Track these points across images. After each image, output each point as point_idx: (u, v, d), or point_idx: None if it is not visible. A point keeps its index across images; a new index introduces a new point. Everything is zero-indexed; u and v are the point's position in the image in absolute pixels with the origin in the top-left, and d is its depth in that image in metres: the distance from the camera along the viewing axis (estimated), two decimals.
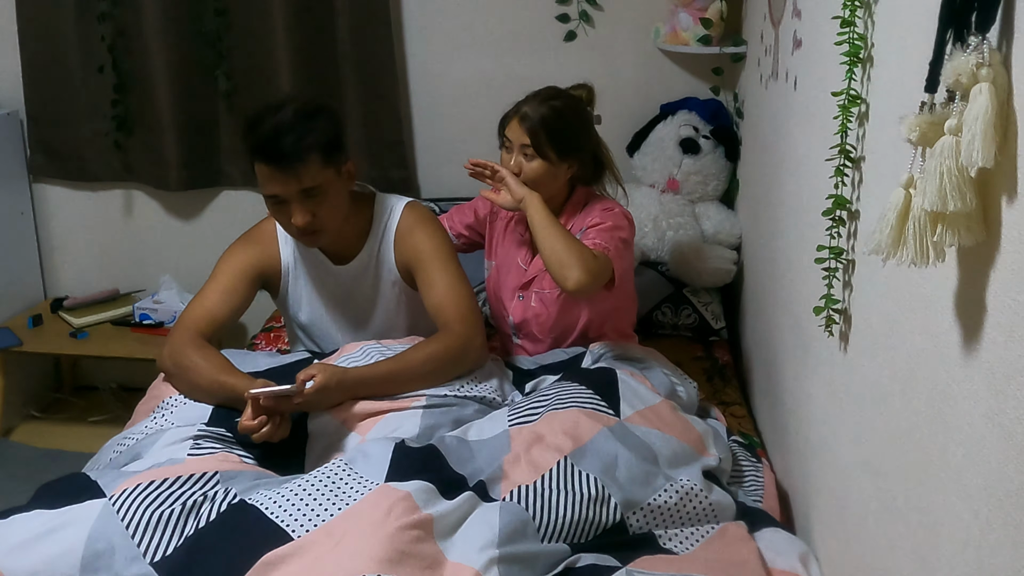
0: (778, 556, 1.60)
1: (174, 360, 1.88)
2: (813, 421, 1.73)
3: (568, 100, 2.09)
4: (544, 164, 2.04)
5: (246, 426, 1.68)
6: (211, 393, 1.82)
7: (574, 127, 2.08)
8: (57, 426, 3.23)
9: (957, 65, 0.88)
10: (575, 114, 2.09)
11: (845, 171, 1.47)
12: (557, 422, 1.73)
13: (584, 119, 2.12)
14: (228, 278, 1.98)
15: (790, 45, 2.00)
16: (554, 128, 2.03)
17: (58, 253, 3.36)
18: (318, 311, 2.11)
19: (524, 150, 2.05)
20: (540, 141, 2.03)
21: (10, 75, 3.11)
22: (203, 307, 1.94)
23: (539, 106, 2.04)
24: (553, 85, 2.13)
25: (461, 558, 1.43)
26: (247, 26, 2.94)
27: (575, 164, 2.10)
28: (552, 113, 2.03)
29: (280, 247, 2.07)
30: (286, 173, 1.82)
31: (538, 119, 2.03)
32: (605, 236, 2.01)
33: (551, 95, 2.08)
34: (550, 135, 2.03)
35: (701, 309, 2.65)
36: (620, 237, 2.03)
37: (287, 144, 1.79)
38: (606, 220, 2.05)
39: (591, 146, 2.15)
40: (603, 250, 1.97)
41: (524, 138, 2.03)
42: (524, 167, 2.05)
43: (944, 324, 1.07)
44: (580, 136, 2.10)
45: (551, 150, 2.03)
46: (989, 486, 0.95)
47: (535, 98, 2.07)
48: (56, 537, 1.44)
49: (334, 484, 1.54)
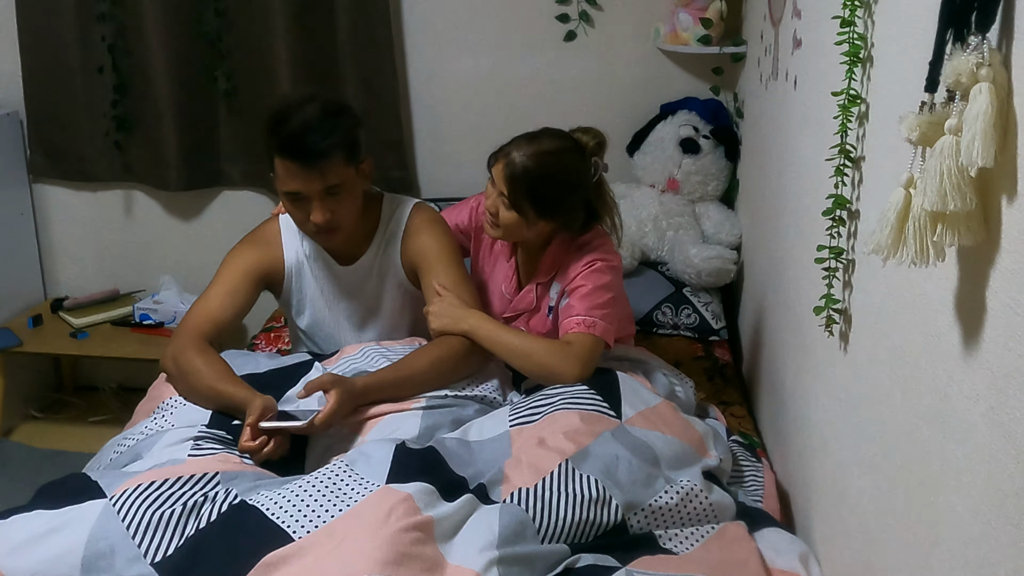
0: (778, 556, 1.60)
1: (176, 363, 1.88)
2: (813, 421, 1.73)
3: (560, 156, 1.89)
4: (518, 219, 1.89)
5: (246, 447, 1.68)
6: (209, 399, 1.82)
7: (558, 188, 1.88)
8: (57, 426, 3.23)
9: (957, 65, 0.88)
10: (563, 172, 1.89)
11: (845, 171, 1.47)
12: (558, 424, 1.73)
13: (574, 179, 1.91)
14: (231, 280, 1.98)
15: (790, 45, 2.00)
16: (534, 187, 1.85)
17: (58, 253, 3.36)
18: (321, 312, 2.11)
19: (503, 198, 1.89)
20: (518, 196, 1.86)
21: (10, 75, 3.10)
22: (206, 309, 1.95)
23: (526, 157, 1.86)
24: (554, 129, 1.93)
25: (461, 560, 1.43)
26: (247, 26, 2.94)
27: (556, 222, 1.94)
28: (537, 169, 1.85)
29: (284, 248, 2.06)
30: (310, 171, 1.82)
31: (520, 171, 1.85)
32: (587, 306, 1.89)
33: (542, 148, 1.88)
34: (529, 192, 1.86)
35: (701, 309, 2.65)
36: (605, 299, 1.91)
37: (314, 141, 1.80)
38: (587, 282, 1.91)
39: (579, 203, 1.94)
40: (587, 329, 1.87)
41: (504, 186, 1.88)
42: (500, 212, 1.91)
43: (944, 324, 1.07)
44: (565, 197, 1.90)
45: (529, 207, 1.87)
46: (989, 486, 0.95)
47: (526, 143, 1.89)
48: (57, 537, 1.44)
49: (335, 485, 1.54)
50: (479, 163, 3.04)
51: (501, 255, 2.15)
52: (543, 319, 2.04)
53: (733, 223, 2.75)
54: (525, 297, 2.06)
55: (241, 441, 1.69)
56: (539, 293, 2.04)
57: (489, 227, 1.99)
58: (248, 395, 1.75)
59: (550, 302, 2.02)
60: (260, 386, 1.84)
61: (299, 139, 1.80)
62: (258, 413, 1.69)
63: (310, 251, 2.06)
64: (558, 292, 2.00)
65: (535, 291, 2.04)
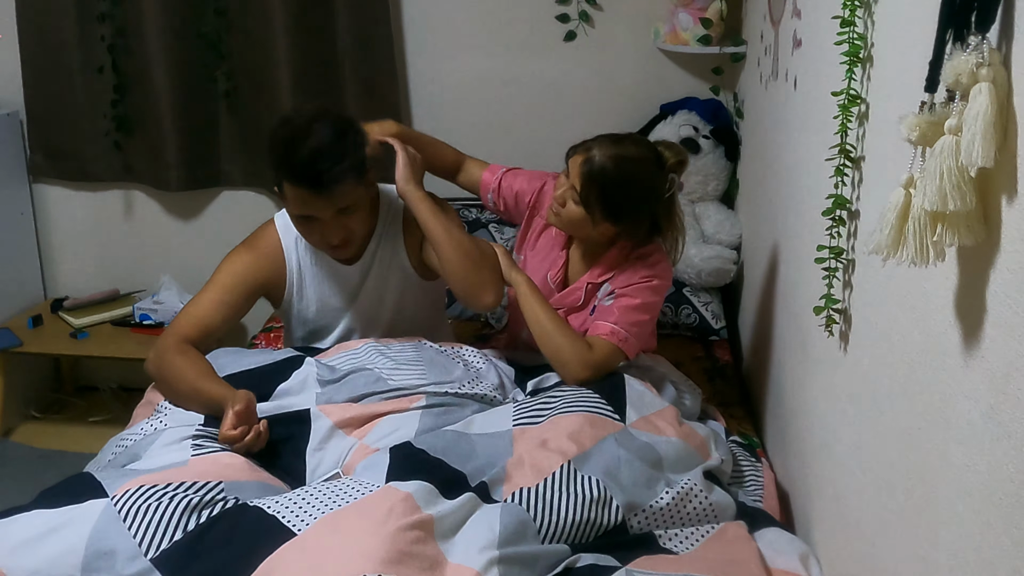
0: (778, 556, 1.60)
1: (157, 365, 1.88)
2: (813, 421, 1.73)
3: (642, 164, 1.87)
4: (585, 215, 1.89)
5: (228, 436, 1.66)
6: (190, 399, 1.81)
7: (633, 194, 1.87)
8: (57, 426, 3.23)
9: (957, 65, 0.88)
10: (639, 180, 1.87)
11: (845, 171, 1.47)
12: (562, 426, 1.73)
13: (650, 189, 1.89)
14: (225, 288, 1.96)
15: (790, 45, 2.00)
16: (608, 189, 1.84)
17: (58, 253, 3.36)
18: (328, 315, 2.09)
19: (573, 192, 1.88)
20: (590, 194, 1.85)
21: (10, 75, 3.11)
22: (195, 315, 1.94)
23: (606, 158, 1.84)
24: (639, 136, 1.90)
25: (462, 559, 1.43)
26: (247, 26, 2.94)
27: (620, 227, 1.92)
28: (614, 172, 1.84)
29: (286, 257, 2.04)
30: (323, 197, 1.82)
31: (598, 171, 1.84)
32: (627, 320, 1.90)
33: (624, 152, 1.86)
34: (602, 193, 1.85)
35: (701, 309, 2.65)
36: (644, 318, 1.93)
37: (325, 169, 1.79)
38: (638, 296, 1.92)
39: (646, 214, 1.93)
40: (616, 341, 1.89)
41: (578, 180, 1.87)
42: (567, 205, 1.91)
43: (944, 324, 1.07)
44: (637, 206, 1.89)
45: (597, 207, 1.87)
46: (989, 486, 0.95)
47: (611, 144, 1.87)
48: (57, 536, 1.44)
49: (337, 486, 1.55)
50: None
51: (555, 244, 2.10)
52: (585, 316, 2.02)
53: (733, 223, 2.75)
54: (573, 294, 2.03)
55: (222, 429, 1.67)
56: (588, 291, 2.02)
57: (552, 214, 1.98)
58: (228, 392, 1.75)
59: (596, 302, 2.01)
60: (251, 381, 1.84)
61: (310, 167, 1.79)
62: (244, 403, 1.68)
63: (312, 257, 2.05)
64: (606, 293, 1.99)
65: (584, 289, 2.02)
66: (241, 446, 1.68)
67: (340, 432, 1.77)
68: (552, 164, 2.89)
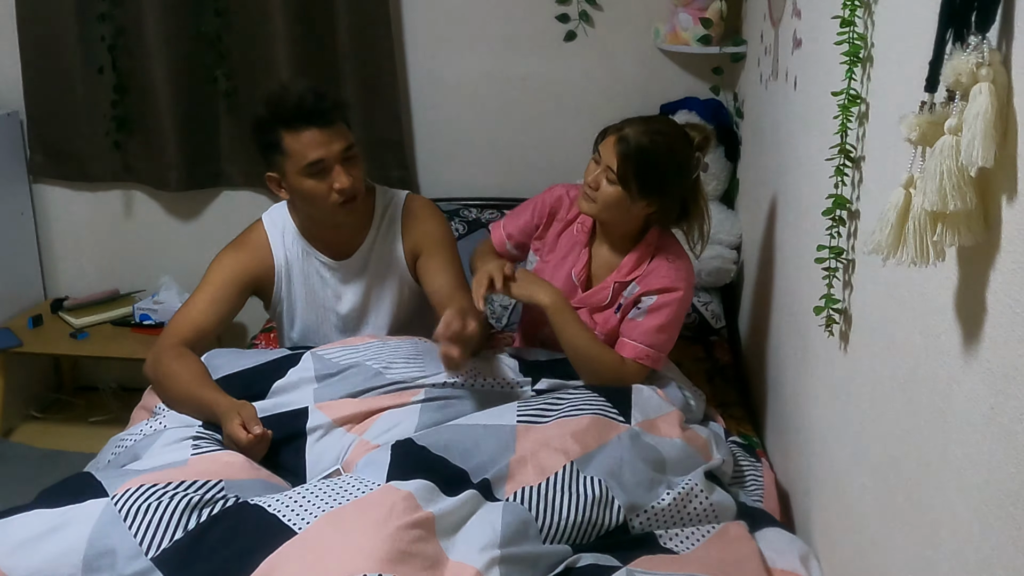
0: (778, 556, 1.60)
1: (154, 368, 1.88)
2: (813, 421, 1.73)
3: (675, 139, 1.91)
4: (622, 193, 1.88)
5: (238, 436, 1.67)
6: (185, 404, 1.81)
7: (669, 168, 1.89)
8: (57, 426, 3.23)
9: (957, 65, 0.88)
10: (675, 154, 1.90)
11: (845, 171, 1.47)
12: (567, 427, 1.73)
13: (683, 163, 1.92)
14: (217, 286, 1.97)
15: (790, 45, 2.00)
16: (647, 162, 1.86)
17: (58, 253, 3.36)
18: (314, 313, 2.09)
19: (608, 172, 1.89)
20: (627, 171, 1.86)
21: (10, 75, 3.10)
22: (189, 316, 1.95)
23: (641, 134, 1.87)
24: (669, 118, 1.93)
25: (462, 557, 1.43)
26: (247, 26, 2.94)
27: (655, 204, 1.93)
28: (652, 146, 1.86)
29: (273, 251, 2.05)
30: (330, 132, 1.86)
31: (634, 146, 1.86)
32: (657, 340, 1.94)
33: (659, 127, 1.91)
34: (639, 168, 1.86)
35: (701, 309, 2.65)
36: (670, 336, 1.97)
37: (325, 103, 1.86)
38: (666, 314, 1.93)
39: (681, 192, 1.96)
40: (649, 362, 1.94)
41: (613, 160, 1.87)
42: (602, 187, 1.90)
43: (944, 324, 1.07)
44: (672, 179, 1.91)
45: (634, 183, 1.87)
46: (989, 486, 0.95)
47: (642, 122, 1.90)
48: (58, 536, 1.44)
49: (337, 485, 1.56)
50: (479, 163, 3.07)
51: (576, 242, 2.09)
52: (611, 314, 2.01)
53: (733, 223, 2.75)
54: (599, 293, 2.02)
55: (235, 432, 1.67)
56: (616, 290, 2.01)
57: (584, 201, 1.96)
58: (223, 399, 1.76)
59: (621, 300, 2.00)
60: (248, 380, 1.84)
61: (312, 103, 1.85)
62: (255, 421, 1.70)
63: (300, 251, 2.05)
64: (633, 292, 1.98)
65: (612, 288, 2.01)
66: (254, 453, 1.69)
67: (339, 428, 1.77)
68: (552, 164, 2.91)
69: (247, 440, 1.67)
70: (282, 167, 1.89)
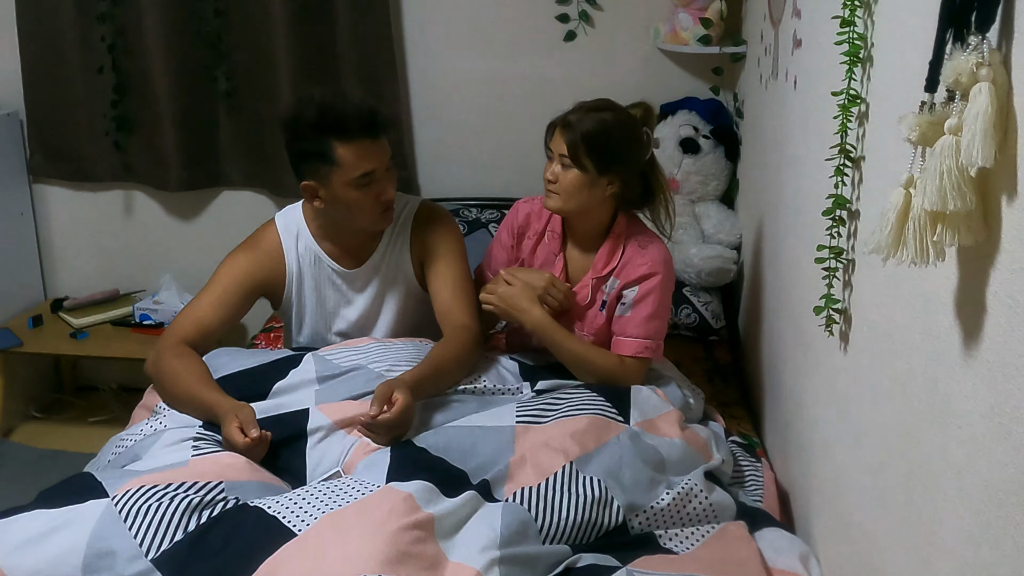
0: (778, 555, 1.60)
1: (155, 367, 1.88)
2: (813, 421, 1.73)
3: (618, 114, 1.95)
4: (581, 175, 1.91)
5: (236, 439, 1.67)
6: (185, 404, 1.81)
7: (619, 139, 1.93)
8: (57, 426, 3.23)
9: (957, 65, 0.88)
10: (622, 129, 1.93)
11: (845, 171, 1.47)
12: (566, 427, 1.73)
13: (632, 135, 1.95)
14: (225, 288, 1.96)
15: (790, 45, 2.00)
16: (595, 140, 1.90)
17: (58, 253, 3.36)
18: (322, 318, 2.09)
19: (562, 159, 1.92)
20: (578, 151, 1.90)
21: (10, 75, 3.10)
22: (194, 316, 1.94)
23: (584, 116, 1.92)
24: (608, 99, 1.99)
25: (462, 558, 1.43)
26: (247, 26, 2.94)
27: (616, 181, 1.95)
28: (597, 125, 1.90)
29: (285, 255, 2.04)
30: (379, 143, 1.89)
31: (578, 126, 1.90)
32: (649, 330, 1.96)
33: (600, 106, 1.95)
34: (590, 146, 1.89)
35: (701, 309, 2.65)
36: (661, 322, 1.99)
37: (378, 116, 1.88)
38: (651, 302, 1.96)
39: (638, 164, 1.98)
40: (647, 354, 1.96)
41: (563, 147, 1.92)
42: (560, 177, 1.93)
43: (944, 323, 1.07)
44: (624, 151, 1.94)
45: (589, 162, 1.90)
46: (989, 486, 0.95)
47: (582, 108, 1.95)
48: (58, 537, 1.44)
49: (337, 486, 1.56)
50: (479, 163, 3.07)
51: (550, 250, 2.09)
52: (596, 313, 2.02)
53: (733, 223, 2.75)
54: (579, 293, 2.03)
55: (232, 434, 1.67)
56: (594, 286, 2.02)
57: (548, 198, 1.98)
58: (223, 399, 1.75)
59: (604, 296, 2.01)
60: (249, 380, 1.84)
61: (367, 116, 1.86)
62: (253, 424, 1.69)
63: (312, 258, 2.05)
64: (614, 288, 1.99)
65: (590, 286, 2.01)
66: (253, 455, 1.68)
67: (340, 430, 1.77)
68: None
69: (244, 444, 1.67)
70: (327, 176, 1.87)
